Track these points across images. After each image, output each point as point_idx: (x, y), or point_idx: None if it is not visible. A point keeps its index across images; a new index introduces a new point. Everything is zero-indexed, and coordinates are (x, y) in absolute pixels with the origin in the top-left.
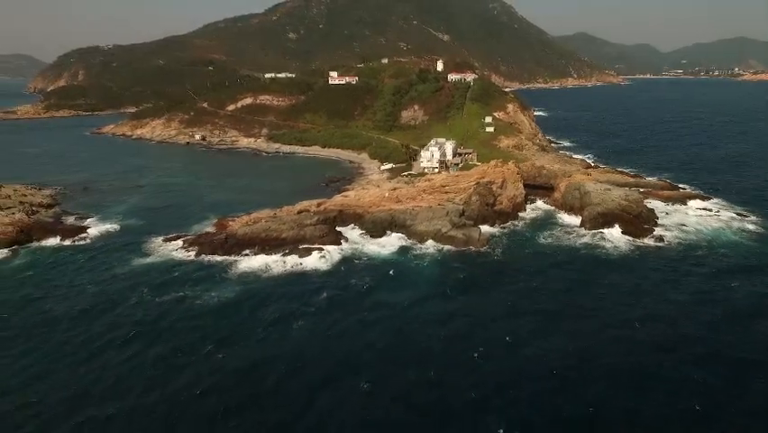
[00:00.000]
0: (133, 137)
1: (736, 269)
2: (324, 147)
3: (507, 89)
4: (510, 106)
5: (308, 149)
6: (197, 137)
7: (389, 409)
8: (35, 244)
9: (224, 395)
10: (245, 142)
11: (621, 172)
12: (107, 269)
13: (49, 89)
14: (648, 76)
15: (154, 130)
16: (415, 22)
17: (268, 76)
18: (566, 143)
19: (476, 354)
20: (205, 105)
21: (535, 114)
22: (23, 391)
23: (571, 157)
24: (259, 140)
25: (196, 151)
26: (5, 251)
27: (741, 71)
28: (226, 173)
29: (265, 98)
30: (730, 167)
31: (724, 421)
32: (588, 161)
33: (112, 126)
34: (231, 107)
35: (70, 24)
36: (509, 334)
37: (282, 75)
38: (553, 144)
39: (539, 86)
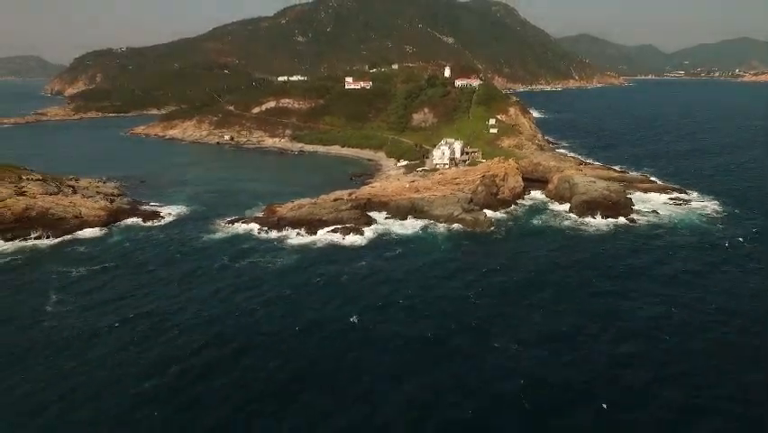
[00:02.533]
0: (166, 137)
1: (687, 241)
2: (344, 146)
3: (509, 91)
4: (512, 110)
5: (329, 148)
6: (226, 137)
7: (414, 311)
8: (122, 224)
9: (289, 312)
10: (270, 142)
11: (609, 168)
12: (187, 241)
13: (66, 91)
14: (650, 77)
15: (185, 131)
16: (420, 25)
17: (281, 79)
18: (563, 143)
19: (469, 296)
20: (231, 107)
21: (536, 116)
22: (137, 307)
23: (566, 155)
24: (283, 140)
25: (227, 150)
26: (105, 229)
27: (741, 72)
28: (260, 169)
29: (287, 102)
30: (704, 164)
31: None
32: (580, 158)
33: (143, 127)
34: (255, 110)
35: (76, 26)
36: (501, 279)
37: (295, 78)
38: (551, 144)
39: (541, 87)
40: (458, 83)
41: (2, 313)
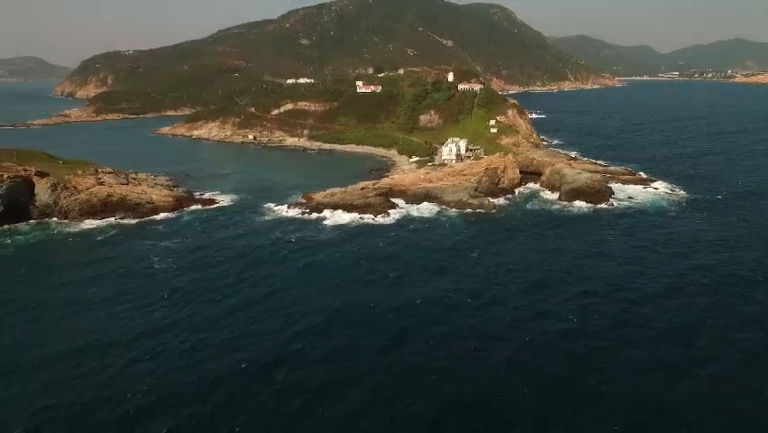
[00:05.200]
0: (192, 137)
1: (654, 219)
2: (359, 145)
3: (507, 93)
4: (510, 112)
5: (345, 147)
6: (250, 137)
7: (427, 265)
8: (187, 209)
9: (334, 266)
10: (290, 141)
11: (595, 163)
12: (245, 221)
13: (78, 93)
14: (644, 78)
15: (211, 131)
16: (420, 29)
17: (289, 81)
18: (556, 141)
19: (475, 254)
20: (252, 109)
21: (533, 116)
22: (220, 257)
23: (558, 152)
24: (302, 139)
25: (252, 149)
26: (175, 212)
27: (734, 73)
28: (287, 164)
29: (303, 104)
30: (680, 159)
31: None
32: (571, 154)
33: (169, 128)
34: (275, 112)
35: (76, 27)
36: (496, 239)
37: (302, 80)
38: (545, 142)
39: (538, 89)
40: (461, 87)
41: (122, 267)
